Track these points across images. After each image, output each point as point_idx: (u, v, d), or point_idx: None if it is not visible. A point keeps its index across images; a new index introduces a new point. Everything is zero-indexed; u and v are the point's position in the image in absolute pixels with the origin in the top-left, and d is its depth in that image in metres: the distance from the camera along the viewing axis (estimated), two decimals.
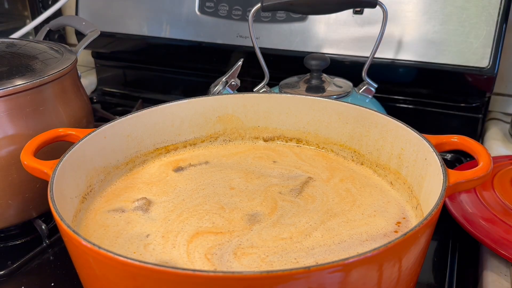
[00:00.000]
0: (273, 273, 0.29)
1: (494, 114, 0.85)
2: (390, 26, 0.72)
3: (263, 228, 0.43)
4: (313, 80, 0.68)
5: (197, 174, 0.53)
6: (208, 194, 0.49)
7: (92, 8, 0.92)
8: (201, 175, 0.53)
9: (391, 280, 0.34)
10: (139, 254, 0.40)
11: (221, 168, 0.54)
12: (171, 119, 0.56)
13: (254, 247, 0.41)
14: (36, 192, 0.54)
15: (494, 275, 0.48)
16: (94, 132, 0.48)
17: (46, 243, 0.56)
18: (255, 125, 0.59)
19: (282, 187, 0.50)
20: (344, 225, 0.44)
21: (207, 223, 0.44)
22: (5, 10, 1.05)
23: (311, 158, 0.56)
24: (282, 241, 0.41)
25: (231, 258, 0.39)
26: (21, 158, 0.43)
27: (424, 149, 0.45)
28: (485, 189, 0.57)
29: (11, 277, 0.52)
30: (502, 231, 0.50)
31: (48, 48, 0.62)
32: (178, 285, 0.30)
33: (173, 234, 0.43)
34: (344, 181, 0.51)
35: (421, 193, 0.45)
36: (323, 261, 0.39)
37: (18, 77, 0.52)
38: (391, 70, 0.75)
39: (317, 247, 0.41)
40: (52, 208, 0.36)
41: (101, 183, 0.50)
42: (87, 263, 0.35)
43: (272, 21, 0.79)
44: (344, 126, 0.55)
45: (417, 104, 0.80)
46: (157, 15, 0.87)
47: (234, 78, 0.67)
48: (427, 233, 0.36)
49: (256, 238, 0.42)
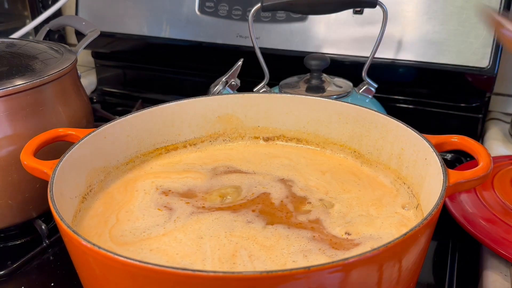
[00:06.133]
0: (273, 273, 0.29)
1: (494, 114, 0.85)
2: (390, 26, 0.72)
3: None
4: (313, 80, 0.68)
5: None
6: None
7: (92, 8, 0.92)
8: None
9: (391, 280, 0.34)
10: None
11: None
12: (171, 119, 0.56)
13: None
14: (36, 192, 0.54)
15: (494, 275, 0.48)
16: (94, 132, 0.48)
17: (46, 243, 0.56)
18: (255, 125, 0.59)
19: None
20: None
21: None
22: (5, 10, 1.05)
23: (310, 158, 0.56)
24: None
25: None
26: (21, 158, 0.43)
27: (424, 149, 0.45)
28: (485, 189, 0.57)
29: (11, 277, 0.52)
30: (502, 231, 0.50)
31: (48, 48, 0.62)
32: (178, 285, 0.30)
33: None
34: (342, 178, 0.51)
35: (421, 193, 0.45)
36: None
37: (18, 77, 0.52)
38: (391, 70, 0.75)
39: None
40: (52, 208, 0.36)
41: (101, 183, 0.50)
42: (87, 263, 0.35)
43: (272, 21, 0.79)
44: (344, 126, 0.55)
45: (417, 104, 0.80)
46: (157, 15, 0.87)
47: (234, 78, 0.67)
48: (427, 233, 0.36)
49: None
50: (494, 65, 0.69)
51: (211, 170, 0.53)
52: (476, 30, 0.69)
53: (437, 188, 0.39)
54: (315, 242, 0.41)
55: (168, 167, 0.54)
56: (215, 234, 0.42)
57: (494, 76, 0.70)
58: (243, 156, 0.56)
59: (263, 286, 0.30)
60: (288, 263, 0.39)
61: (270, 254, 0.39)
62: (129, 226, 0.44)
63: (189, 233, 0.43)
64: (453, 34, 0.70)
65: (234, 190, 0.49)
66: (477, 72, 0.70)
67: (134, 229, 0.44)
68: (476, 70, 0.70)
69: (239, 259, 0.39)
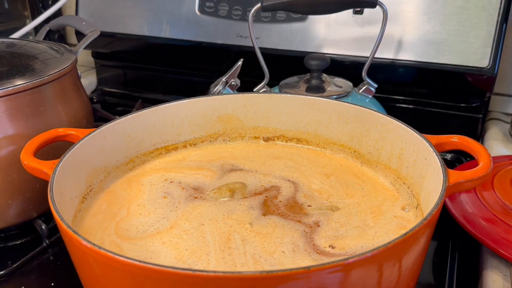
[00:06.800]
0: (273, 273, 0.29)
1: (494, 114, 0.85)
2: (390, 26, 0.72)
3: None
4: (313, 80, 0.68)
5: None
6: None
7: (92, 8, 0.92)
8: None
9: (391, 280, 0.34)
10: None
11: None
12: (171, 119, 0.56)
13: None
14: (36, 192, 0.54)
15: (494, 275, 0.48)
16: (94, 132, 0.48)
17: (46, 243, 0.56)
18: (255, 125, 0.59)
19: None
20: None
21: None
22: (5, 10, 1.05)
23: (310, 158, 0.56)
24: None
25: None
26: (21, 158, 0.43)
27: (424, 149, 0.45)
28: (485, 189, 0.57)
29: (11, 277, 0.52)
30: (502, 231, 0.50)
31: (48, 48, 0.62)
32: (179, 285, 0.30)
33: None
34: (344, 181, 0.51)
35: (421, 193, 0.45)
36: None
37: (18, 77, 0.52)
38: (391, 70, 0.75)
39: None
40: (52, 208, 0.36)
41: (101, 183, 0.50)
42: (87, 263, 0.35)
43: (272, 21, 0.79)
44: (344, 126, 0.55)
45: (417, 104, 0.80)
46: (157, 15, 0.87)
47: (234, 78, 0.67)
48: (427, 233, 0.36)
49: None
50: (494, 65, 0.69)
51: (219, 167, 0.54)
52: (476, 30, 0.69)
53: (437, 188, 0.39)
54: (306, 239, 0.42)
55: (175, 164, 0.55)
56: (214, 218, 0.45)
57: (494, 76, 0.70)
58: (247, 155, 0.56)
59: (263, 286, 0.30)
60: (277, 252, 0.40)
61: (263, 241, 0.41)
62: (138, 221, 0.45)
63: (192, 221, 0.44)
64: (453, 34, 0.70)
65: (242, 186, 0.50)
66: (477, 72, 0.70)
67: (143, 224, 0.44)
68: (476, 70, 0.70)
69: (233, 243, 0.41)
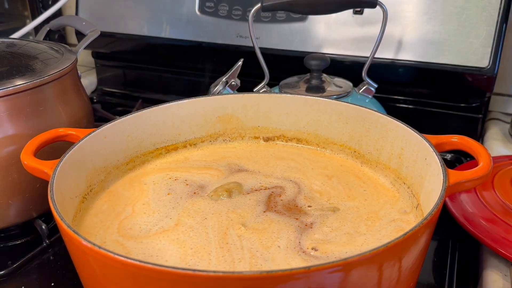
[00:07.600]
0: (273, 273, 0.29)
1: (494, 114, 0.85)
2: (390, 26, 0.72)
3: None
4: (313, 80, 0.68)
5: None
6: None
7: (92, 8, 0.92)
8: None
9: (391, 280, 0.34)
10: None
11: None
12: (171, 119, 0.56)
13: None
14: (36, 192, 0.54)
15: (494, 275, 0.48)
16: (94, 132, 0.48)
17: (46, 243, 0.56)
18: (255, 125, 0.59)
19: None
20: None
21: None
22: (5, 10, 1.05)
23: (311, 159, 0.56)
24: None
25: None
26: (21, 158, 0.43)
27: (424, 149, 0.45)
28: (485, 189, 0.57)
29: (11, 277, 0.52)
30: (502, 231, 0.50)
31: (48, 48, 0.62)
32: (178, 285, 0.30)
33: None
34: (345, 182, 0.51)
35: (421, 193, 0.45)
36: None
37: (18, 77, 0.52)
38: (391, 70, 0.75)
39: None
40: (52, 208, 0.36)
41: (101, 183, 0.50)
42: (87, 263, 0.35)
43: (272, 21, 0.79)
44: (344, 126, 0.55)
45: (417, 104, 0.80)
46: (157, 15, 0.87)
47: (234, 78, 0.67)
48: (427, 233, 0.36)
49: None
50: (494, 65, 0.69)
51: (226, 167, 0.54)
52: (476, 30, 0.69)
53: (437, 188, 0.39)
54: (295, 237, 0.42)
55: (179, 164, 0.55)
56: (217, 212, 0.45)
57: (494, 76, 0.70)
58: (250, 156, 0.57)
59: (263, 286, 0.30)
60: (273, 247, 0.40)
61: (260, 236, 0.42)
62: (142, 220, 0.45)
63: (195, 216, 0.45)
64: (453, 34, 0.70)
65: (238, 185, 0.50)
66: (477, 72, 0.70)
67: (147, 223, 0.45)
68: (476, 70, 0.70)
69: (230, 238, 0.41)
